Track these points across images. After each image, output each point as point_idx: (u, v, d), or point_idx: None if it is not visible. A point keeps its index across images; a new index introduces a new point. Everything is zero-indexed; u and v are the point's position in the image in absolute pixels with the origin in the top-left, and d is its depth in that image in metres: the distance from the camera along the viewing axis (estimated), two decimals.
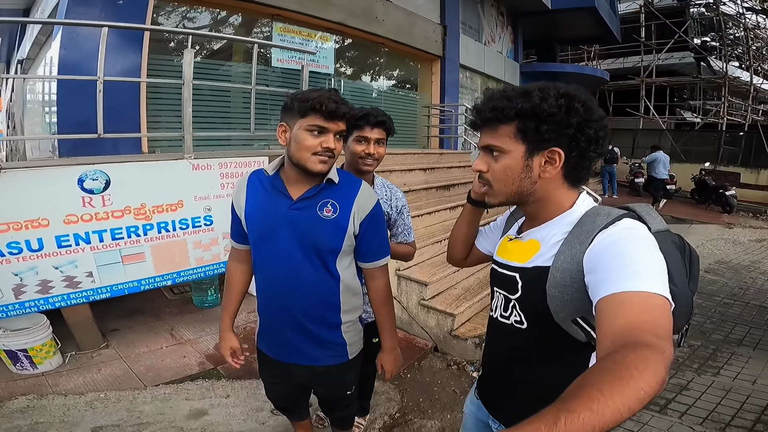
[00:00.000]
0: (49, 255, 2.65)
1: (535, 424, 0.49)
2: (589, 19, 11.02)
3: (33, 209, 2.56)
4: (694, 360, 3.19)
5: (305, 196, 1.33)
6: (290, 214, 1.33)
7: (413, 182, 5.41)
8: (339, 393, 1.63)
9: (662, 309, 0.69)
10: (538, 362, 0.98)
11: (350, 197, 1.37)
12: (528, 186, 0.93)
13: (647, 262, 0.75)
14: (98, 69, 2.84)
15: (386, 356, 1.55)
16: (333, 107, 1.23)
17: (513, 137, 0.90)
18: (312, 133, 1.26)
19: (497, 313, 1.06)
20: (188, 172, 3.08)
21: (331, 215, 1.33)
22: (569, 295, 0.86)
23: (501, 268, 1.05)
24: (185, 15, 5.11)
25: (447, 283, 3.60)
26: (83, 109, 2.88)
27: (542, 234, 0.96)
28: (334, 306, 1.43)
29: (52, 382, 2.64)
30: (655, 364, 0.57)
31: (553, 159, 0.89)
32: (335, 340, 1.47)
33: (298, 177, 1.33)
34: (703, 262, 5.69)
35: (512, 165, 0.92)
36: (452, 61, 8.30)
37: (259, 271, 1.45)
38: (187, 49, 3.18)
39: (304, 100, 1.25)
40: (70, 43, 3.81)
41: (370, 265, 1.45)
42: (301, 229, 1.33)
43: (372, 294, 1.50)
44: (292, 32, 5.82)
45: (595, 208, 0.92)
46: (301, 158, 1.27)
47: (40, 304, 2.69)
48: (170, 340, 3.22)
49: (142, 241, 2.98)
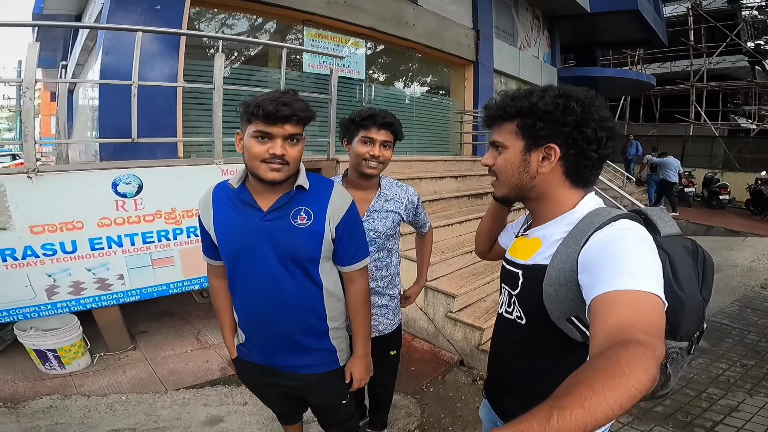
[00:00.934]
0: (82, 257, 2.72)
1: (527, 422, 0.50)
2: (631, 22, 10.54)
3: (68, 212, 2.63)
4: (746, 380, 2.93)
5: (276, 206, 1.27)
6: (263, 227, 1.27)
7: (444, 190, 5.29)
8: (333, 403, 1.57)
9: (654, 307, 0.70)
10: (535, 358, 1.00)
11: (323, 201, 1.31)
12: (527, 180, 0.97)
13: (640, 261, 0.76)
14: (133, 73, 2.92)
15: (357, 362, 1.48)
16: (271, 109, 1.14)
17: (514, 134, 0.97)
18: (257, 140, 1.19)
19: (503, 308, 1.10)
20: (218, 177, 3.11)
21: (305, 223, 1.28)
22: (563, 294, 0.88)
23: (507, 264, 1.08)
24: (221, 21, 5.24)
25: (476, 296, 3.46)
26: (123, 114, 2.96)
27: (544, 232, 0.98)
28: (319, 314, 1.39)
29: (78, 383, 2.68)
30: (647, 362, 0.58)
31: (549, 155, 0.93)
32: (325, 347, 1.43)
33: (263, 187, 1.26)
34: (759, 278, 5.27)
35: (512, 159, 0.97)
36: (486, 66, 8.12)
37: (238, 287, 1.38)
38: (218, 53, 3.23)
39: (247, 105, 1.18)
40: (111, 49, 3.95)
41: (350, 268, 1.40)
42: (276, 240, 1.27)
43: (351, 297, 1.44)
44: (324, 38, 5.86)
45: (597, 209, 0.93)
46: (252, 167, 1.22)
47: (72, 305, 2.77)
48: (195, 344, 3.24)
49: (172, 245, 3.03)
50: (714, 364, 3.16)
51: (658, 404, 2.61)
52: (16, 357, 2.89)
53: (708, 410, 2.57)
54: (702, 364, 3.15)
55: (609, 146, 0.93)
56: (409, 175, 5.07)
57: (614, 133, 0.94)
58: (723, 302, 4.45)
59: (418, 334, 3.48)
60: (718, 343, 3.52)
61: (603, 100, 0.98)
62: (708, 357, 3.26)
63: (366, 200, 1.73)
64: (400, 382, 2.10)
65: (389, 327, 1.85)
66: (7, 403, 2.40)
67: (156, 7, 4.16)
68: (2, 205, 2.41)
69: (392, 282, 1.86)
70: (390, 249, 1.82)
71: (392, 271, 1.85)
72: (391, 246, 1.81)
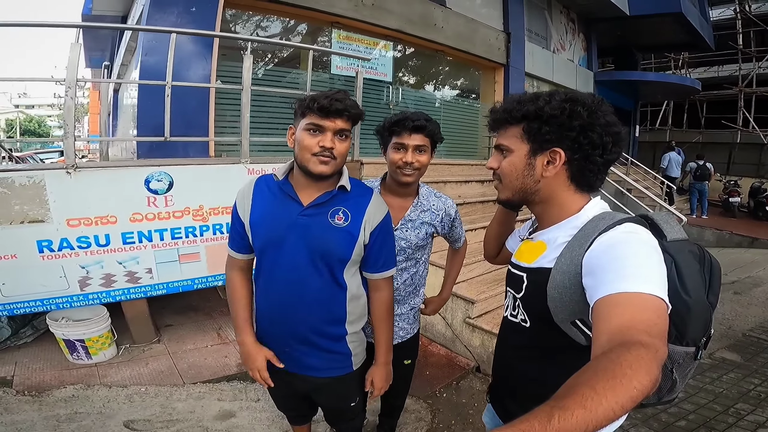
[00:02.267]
0: (114, 250, 2.84)
1: (529, 422, 0.50)
2: (674, 25, 10.09)
3: (103, 206, 2.75)
4: None
5: (317, 202, 1.30)
6: (300, 221, 1.30)
7: (469, 194, 5.23)
8: (342, 405, 1.58)
9: (657, 309, 0.70)
10: (539, 361, 1.00)
11: (362, 206, 1.34)
12: (531, 184, 0.97)
13: (643, 264, 0.76)
14: (167, 74, 3.03)
15: (378, 370, 1.49)
16: (325, 103, 1.21)
17: (519, 137, 0.96)
18: (310, 132, 1.24)
19: (507, 311, 1.10)
20: (243, 176, 3.19)
21: (342, 223, 1.30)
22: (567, 297, 0.88)
23: (513, 267, 1.08)
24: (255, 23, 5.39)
25: (496, 302, 3.40)
26: (159, 114, 3.09)
27: (549, 236, 0.99)
28: (340, 317, 1.39)
29: (102, 373, 2.77)
30: (649, 364, 0.58)
31: (554, 159, 0.93)
32: (341, 351, 1.44)
33: (307, 182, 1.31)
34: None
35: (516, 162, 0.97)
36: (517, 69, 7.98)
37: (263, 279, 1.40)
38: (246, 54, 3.32)
39: (302, 99, 1.25)
40: (150, 50, 4.13)
41: (377, 276, 1.41)
42: (310, 236, 1.29)
43: (375, 305, 1.44)
44: (353, 40, 5.91)
45: (602, 213, 0.93)
46: (303, 159, 1.26)
47: (103, 297, 2.88)
48: (216, 339, 3.31)
49: (198, 241, 3.12)
50: (746, 379, 3.00)
51: (681, 419, 2.49)
52: (47, 346, 3.01)
53: (734, 426, 2.44)
54: (733, 379, 3.00)
55: (614, 151, 0.93)
56: (434, 178, 5.05)
57: (620, 138, 0.93)
58: (763, 316, 4.21)
59: (436, 339, 3.45)
60: (753, 358, 3.34)
61: (610, 105, 0.95)
62: (740, 372, 3.11)
63: (403, 208, 1.68)
64: (414, 386, 2.08)
65: (410, 332, 1.81)
66: (32, 392, 2.49)
67: (191, 9, 4.32)
68: (42, 199, 2.56)
69: (415, 291, 1.81)
70: (418, 260, 1.75)
71: (417, 281, 1.80)
72: (419, 257, 1.75)
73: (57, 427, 2.21)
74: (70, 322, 2.87)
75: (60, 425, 2.22)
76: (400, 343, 1.78)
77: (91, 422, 2.27)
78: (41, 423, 2.23)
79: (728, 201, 10.13)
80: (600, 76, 10.94)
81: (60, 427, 2.20)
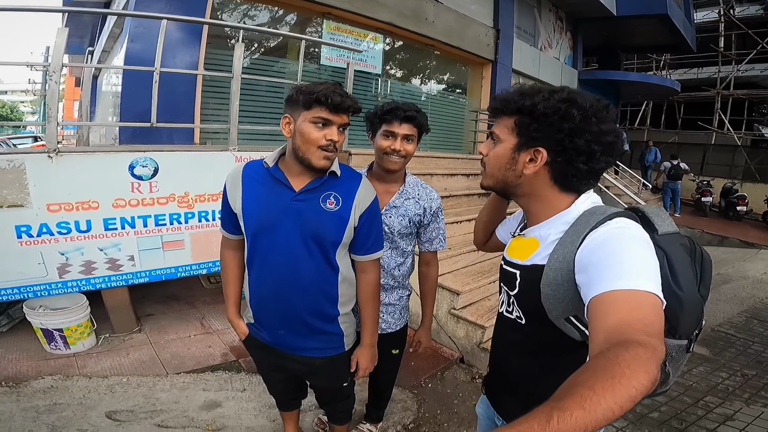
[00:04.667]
0: (95, 237, 2.78)
1: (528, 423, 0.50)
2: (659, 26, 10.25)
3: (85, 192, 2.69)
4: (745, 389, 2.91)
5: (309, 187, 1.33)
6: (293, 206, 1.33)
7: (455, 187, 5.27)
8: (335, 385, 1.64)
9: (653, 307, 0.70)
10: (535, 358, 1.01)
11: (352, 190, 1.39)
12: (512, 178, 0.97)
13: (637, 260, 0.76)
14: (156, 60, 2.97)
15: (364, 351, 1.54)
16: (338, 100, 1.24)
17: (510, 130, 0.96)
18: (317, 126, 1.27)
19: (503, 308, 1.10)
20: (231, 163, 3.16)
21: (334, 207, 1.35)
22: (561, 294, 0.87)
23: (505, 264, 1.08)
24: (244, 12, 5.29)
25: (480, 294, 3.45)
26: (144, 100, 3.02)
27: (541, 232, 0.98)
28: (332, 297, 1.44)
29: (81, 364, 2.72)
30: (647, 363, 0.58)
31: (535, 158, 0.92)
32: (333, 331, 1.49)
33: (300, 169, 1.34)
34: None
35: (501, 154, 0.97)
36: (504, 66, 8.03)
37: (256, 264, 1.42)
38: (238, 43, 3.27)
39: (309, 92, 1.25)
40: (136, 36, 4.03)
41: (365, 258, 1.46)
42: (304, 220, 1.33)
43: (362, 288, 1.49)
44: (344, 31, 5.86)
45: (593, 208, 0.92)
46: (306, 151, 1.28)
47: (82, 285, 2.82)
48: (199, 329, 3.28)
49: (183, 228, 3.08)
50: (714, 373, 3.13)
51: (654, 410, 2.59)
52: (23, 336, 2.94)
53: (703, 418, 2.55)
54: (702, 373, 3.13)
55: (603, 161, 0.90)
56: (421, 170, 5.07)
57: (613, 148, 0.90)
58: (731, 312, 4.40)
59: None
60: (721, 352, 3.49)
61: (615, 112, 0.93)
62: (709, 366, 3.24)
63: (388, 193, 1.73)
64: (400, 377, 2.11)
65: (393, 326, 1.83)
66: (9, 383, 2.44)
67: None
68: (21, 183, 2.49)
69: (403, 284, 1.84)
70: (404, 250, 1.78)
71: (404, 272, 1.82)
72: (405, 247, 1.77)
73: (36, 418, 2.16)
74: (48, 310, 2.81)
75: (39, 416, 2.17)
76: (388, 333, 1.81)
77: (71, 413, 2.22)
78: (20, 414, 2.17)
79: (700, 200, 10.43)
80: (584, 75, 11.10)
81: (40, 418, 2.16)
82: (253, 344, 1.57)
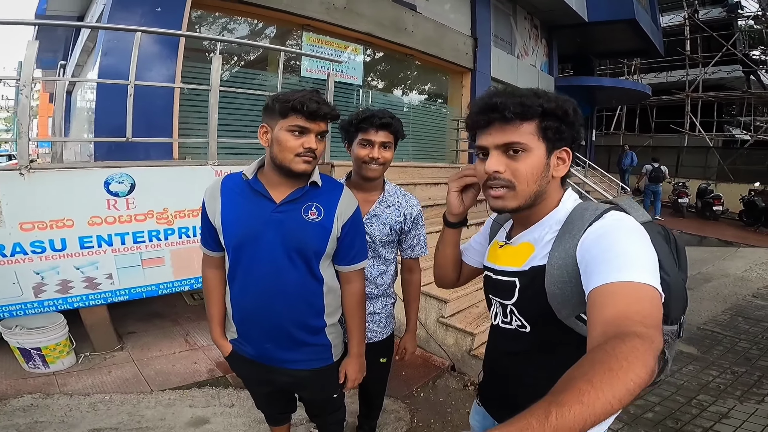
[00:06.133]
0: (71, 255, 2.70)
1: (526, 420, 0.49)
2: (628, 31, 10.63)
3: (59, 209, 2.62)
4: (737, 387, 2.95)
5: (290, 198, 1.32)
6: (274, 218, 1.31)
7: (438, 196, 5.29)
8: (325, 397, 1.61)
9: (651, 299, 0.70)
10: (543, 364, 0.96)
11: (334, 200, 1.38)
12: (545, 185, 0.93)
13: (636, 252, 0.76)
14: (130, 73, 2.92)
15: (352, 362, 1.51)
16: (314, 107, 1.23)
17: (535, 135, 0.89)
18: (293, 134, 1.25)
19: (498, 319, 1.07)
20: (211, 178, 3.10)
21: (316, 218, 1.33)
22: (569, 291, 0.86)
23: (496, 274, 1.04)
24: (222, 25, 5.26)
25: (468, 301, 3.45)
26: (119, 115, 2.97)
27: (533, 236, 0.96)
28: (318, 309, 1.41)
29: (61, 382, 2.65)
30: (645, 355, 0.57)
31: (563, 158, 0.93)
32: (320, 342, 1.46)
33: (280, 179, 1.32)
34: (751, 287, 5.31)
35: (536, 164, 0.90)
36: (483, 74, 8.16)
37: (239, 277, 1.39)
38: (215, 55, 3.24)
39: (285, 100, 1.24)
40: (110, 50, 3.95)
41: (349, 268, 1.44)
42: (286, 231, 1.31)
43: (347, 298, 1.47)
44: (324, 43, 5.88)
45: (583, 204, 0.93)
46: (284, 159, 1.26)
47: (59, 304, 2.74)
48: (184, 346, 3.21)
49: (163, 245, 3.02)
50: (704, 371, 3.17)
51: (648, 410, 2.61)
52: (0, 355, 2.86)
53: (698, 417, 2.57)
54: (692, 371, 3.16)
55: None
56: (405, 180, 5.08)
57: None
58: (715, 311, 4.48)
59: None
60: (709, 350, 3.53)
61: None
62: (699, 364, 3.28)
63: (368, 201, 1.71)
64: (391, 387, 2.09)
65: (379, 335, 1.81)
66: None
67: (156, 9, 4.17)
68: None
69: (387, 292, 1.83)
70: (386, 258, 1.77)
71: (387, 280, 1.81)
72: (387, 255, 1.76)
73: None
74: (25, 330, 2.73)
75: None
76: (374, 342, 1.79)
77: (53, 431, 2.16)
78: None
79: (678, 202, 10.72)
80: (560, 81, 11.35)
81: None
82: (238, 360, 1.53)
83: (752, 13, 15.06)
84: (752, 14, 15.06)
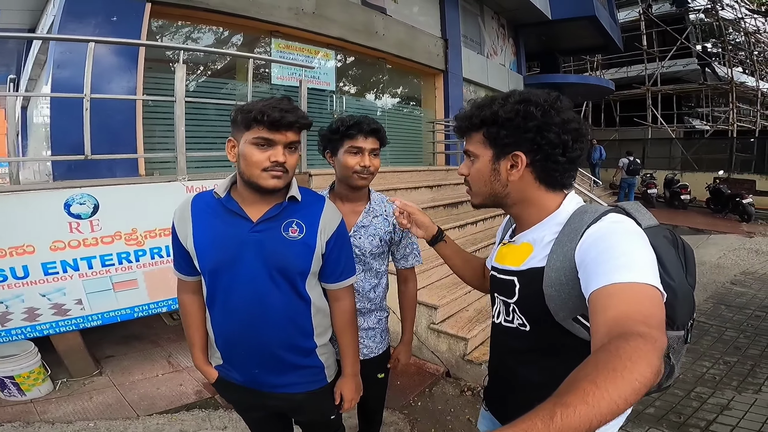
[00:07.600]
0: (35, 282, 2.54)
1: (531, 421, 0.49)
2: (590, 28, 10.96)
3: (17, 235, 2.45)
4: (732, 377, 2.98)
5: (267, 216, 1.21)
6: (252, 238, 1.20)
7: (419, 200, 5.24)
8: (322, 419, 1.50)
9: (652, 299, 0.70)
10: (544, 364, 0.97)
11: (315, 215, 1.28)
12: (500, 189, 0.97)
13: (635, 253, 0.76)
14: (85, 86, 2.75)
15: (347, 382, 1.41)
16: (277, 116, 1.11)
17: (482, 143, 0.97)
18: (258, 147, 1.14)
19: (500, 318, 1.07)
20: (181, 194, 2.94)
21: (297, 235, 1.23)
22: (566, 293, 0.86)
23: (498, 273, 1.05)
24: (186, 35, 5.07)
25: (458, 306, 3.40)
26: (77, 130, 2.78)
27: (533, 236, 0.97)
28: (306, 330, 1.31)
29: (41, 410, 2.53)
30: (648, 354, 0.57)
31: (516, 162, 0.93)
32: (313, 364, 1.36)
33: (255, 197, 1.21)
34: (728, 274, 5.45)
35: (482, 169, 0.98)
36: (455, 75, 8.21)
37: (218, 302, 1.27)
38: (179, 64, 3.09)
39: (247, 111, 1.13)
40: (63, 62, 3.72)
41: (337, 285, 1.34)
42: (266, 252, 1.20)
43: (337, 317, 1.38)
44: (294, 49, 5.76)
45: (583, 207, 0.93)
46: (252, 175, 1.16)
47: (27, 332, 2.58)
48: (167, 368, 3.07)
49: (134, 267, 2.85)
50: (698, 363, 3.19)
51: (649, 406, 2.60)
52: None
53: (699, 409, 2.58)
54: (686, 363, 3.19)
55: (576, 148, 0.92)
56: (384, 186, 5.01)
57: (581, 134, 0.93)
58: (697, 300, 4.52)
59: None
60: (699, 341, 3.57)
61: (568, 102, 0.95)
62: (690, 355, 3.30)
63: (355, 212, 1.62)
64: (387, 398, 1.99)
65: (375, 351, 1.72)
66: None
67: (112, 18, 3.96)
68: None
69: (380, 305, 1.74)
70: (378, 270, 1.68)
71: (380, 293, 1.72)
72: (378, 267, 1.67)
73: None
74: None
75: None
76: (370, 358, 1.70)
77: None
78: None
79: (647, 193, 11.06)
80: (529, 79, 11.58)
81: None
82: (226, 386, 1.42)
83: (702, 6, 15.80)
84: (702, 7, 15.80)
